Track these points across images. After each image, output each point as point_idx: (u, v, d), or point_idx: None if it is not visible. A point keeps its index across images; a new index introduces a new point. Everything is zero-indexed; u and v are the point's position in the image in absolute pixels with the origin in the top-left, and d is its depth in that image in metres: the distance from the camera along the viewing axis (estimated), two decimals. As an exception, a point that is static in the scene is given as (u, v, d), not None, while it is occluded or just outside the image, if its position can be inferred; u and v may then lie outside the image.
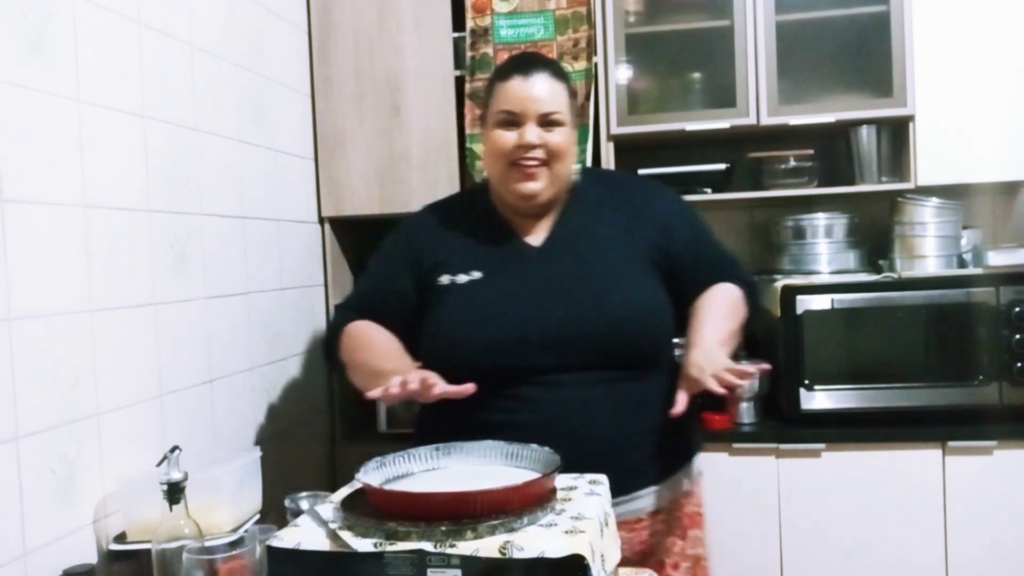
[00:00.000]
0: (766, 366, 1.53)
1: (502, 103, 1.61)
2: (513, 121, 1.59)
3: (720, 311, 1.61)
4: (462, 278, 1.62)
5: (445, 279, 1.63)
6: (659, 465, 1.63)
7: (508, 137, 1.60)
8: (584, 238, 1.65)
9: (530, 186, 1.60)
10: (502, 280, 1.62)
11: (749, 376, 1.43)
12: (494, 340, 1.56)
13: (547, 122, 1.59)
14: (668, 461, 1.65)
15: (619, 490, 1.54)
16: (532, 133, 1.58)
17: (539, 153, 1.59)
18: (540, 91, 1.58)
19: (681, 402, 1.45)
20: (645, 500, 1.61)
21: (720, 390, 1.41)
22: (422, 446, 1.36)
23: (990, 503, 2.31)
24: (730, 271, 1.70)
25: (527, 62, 1.65)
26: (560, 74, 1.64)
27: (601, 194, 1.71)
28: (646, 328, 1.60)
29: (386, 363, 1.53)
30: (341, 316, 1.75)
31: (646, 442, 1.60)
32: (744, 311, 1.66)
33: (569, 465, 1.37)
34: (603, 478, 1.35)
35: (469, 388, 1.41)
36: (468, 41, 2.61)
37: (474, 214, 1.72)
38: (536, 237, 1.67)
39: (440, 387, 1.40)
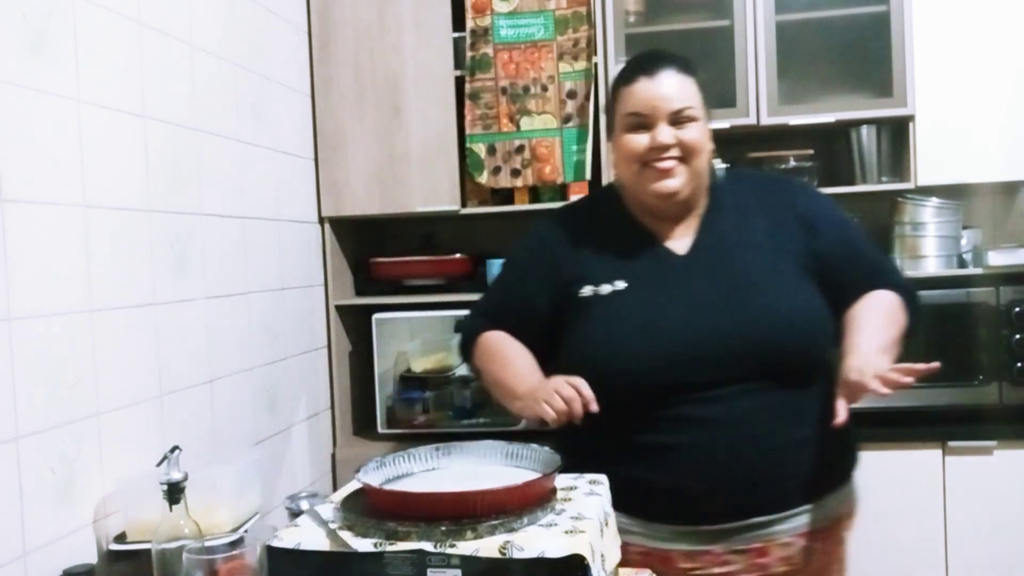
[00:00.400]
0: (935, 365, 1.34)
1: (629, 106, 1.53)
2: (643, 124, 1.51)
3: (877, 319, 1.49)
4: (605, 288, 1.53)
5: (587, 291, 1.55)
6: (818, 482, 1.52)
7: (640, 140, 1.52)
8: (732, 244, 1.55)
9: (668, 184, 1.52)
10: (649, 290, 1.53)
11: (918, 374, 1.33)
12: (648, 355, 1.47)
13: (679, 119, 1.51)
14: (828, 477, 1.55)
15: (776, 507, 1.48)
16: (665, 133, 1.50)
17: (674, 152, 1.51)
18: (668, 89, 1.50)
19: (842, 411, 1.37)
20: (801, 519, 1.51)
21: (885, 391, 1.32)
22: (423, 447, 1.36)
23: (990, 503, 2.31)
24: (886, 276, 1.60)
25: (650, 60, 1.55)
26: (687, 67, 1.54)
27: (742, 195, 1.61)
28: (809, 337, 1.50)
29: (520, 384, 1.48)
30: (473, 323, 1.69)
31: (806, 458, 1.50)
32: (904, 319, 1.54)
33: (730, 483, 1.36)
34: (603, 478, 1.33)
35: (592, 406, 1.39)
36: (468, 41, 2.62)
37: (608, 220, 1.62)
38: (680, 243, 1.57)
39: (578, 401, 1.38)
